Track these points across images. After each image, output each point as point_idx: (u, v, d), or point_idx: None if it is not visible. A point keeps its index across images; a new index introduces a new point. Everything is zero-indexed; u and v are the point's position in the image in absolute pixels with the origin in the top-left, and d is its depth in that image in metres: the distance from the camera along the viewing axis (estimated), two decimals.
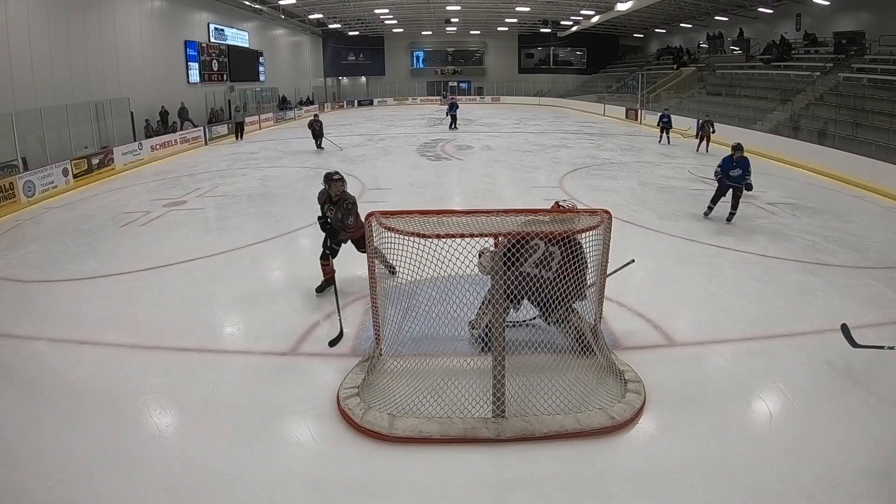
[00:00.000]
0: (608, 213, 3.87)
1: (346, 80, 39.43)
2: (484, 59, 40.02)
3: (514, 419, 3.34)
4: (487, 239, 3.46)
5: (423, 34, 37.69)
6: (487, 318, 3.98)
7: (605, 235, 3.90)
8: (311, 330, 4.65)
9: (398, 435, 3.25)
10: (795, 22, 21.10)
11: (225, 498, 2.89)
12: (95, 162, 12.42)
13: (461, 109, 22.86)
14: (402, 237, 3.61)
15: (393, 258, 3.78)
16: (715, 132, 14.68)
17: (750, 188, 7.64)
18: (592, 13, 28.03)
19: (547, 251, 3.88)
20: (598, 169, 12.16)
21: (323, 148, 15.47)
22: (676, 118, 19.12)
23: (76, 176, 11.54)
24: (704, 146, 14.67)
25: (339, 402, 3.56)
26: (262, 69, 26.98)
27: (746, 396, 3.71)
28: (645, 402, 3.55)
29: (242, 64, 24.73)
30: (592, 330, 4.01)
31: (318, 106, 31.38)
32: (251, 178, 11.75)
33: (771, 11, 21.94)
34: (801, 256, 6.35)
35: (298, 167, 13.06)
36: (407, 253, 3.64)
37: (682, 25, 29.06)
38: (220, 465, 3.10)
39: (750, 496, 2.84)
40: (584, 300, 4.06)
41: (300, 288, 5.66)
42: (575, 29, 32.94)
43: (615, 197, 9.39)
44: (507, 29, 36.08)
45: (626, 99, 27.12)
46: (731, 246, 6.62)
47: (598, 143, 16.99)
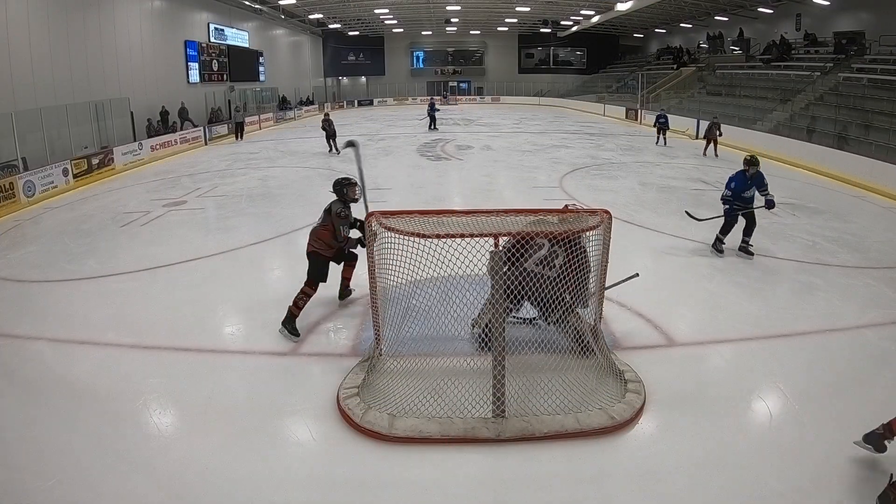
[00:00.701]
0: (608, 213, 3.87)
1: (346, 80, 39.44)
2: (484, 59, 40.02)
3: (514, 419, 3.34)
4: (488, 239, 3.46)
5: (423, 34, 37.70)
6: (488, 317, 3.99)
7: (605, 235, 3.89)
8: (311, 330, 4.64)
9: (398, 435, 3.25)
10: (795, 22, 21.10)
11: (225, 498, 2.89)
12: (95, 162, 12.42)
13: (455, 111, 22.86)
14: (402, 237, 3.62)
15: (393, 258, 3.78)
16: (722, 135, 14.01)
17: (772, 205, 6.26)
18: (592, 13, 28.04)
19: (551, 250, 3.89)
20: (598, 169, 12.16)
21: (338, 151, 14.42)
22: (676, 118, 19.14)
23: (76, 176, 11.54)
24: (712, 149, 13.95)
25: (339, 402, 3.56)
26: (262, 69, 26.98)
27: (746, 396, 3.71)
28: (645, 402, 3.55)
29: (242, 64, 24.73)
30: (592, 330, 4.01)
31: (329, 105, 31.34)
32: (251, 178, 11.75)
33: (771, 11, 21.94)
34: (801, 256, 6.35)
35: (298, 167, 13.06)
36: (407, 253, 3.65)
37: (682, 25, 29.06)
38: (220, 465, 3.10)
39: (750, 496, 2.84)
40: (585, 308, 4.06)
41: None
42: (575, 29, 32.95)
43: (615, 197, 9.39)
44: (507, 29, 36.08)
45: (626, 99, 27.12)
46: (731, 246, 6.62)
47: (598, 143, 16.99)
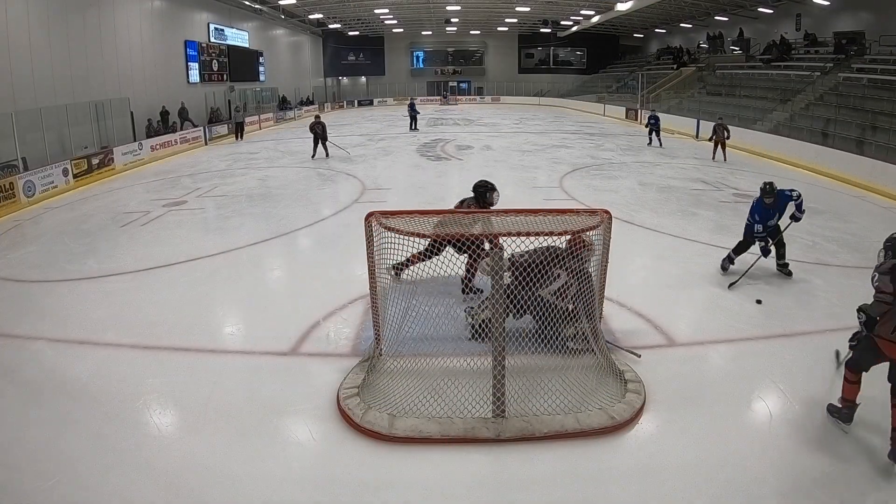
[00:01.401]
0: (608, 213, 3.87)
1: (346, 80, 39.43)
2: (484, 59, 40.01)
3: (514, 419, 3.34)
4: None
5: (423, 34, 37.68)
6: (486, 314, 4.01)
7: (605, 235, 3.90)
8: (311, 330, 4.64)
9: (398, 435, 3.25)
10: (795, 22, 21.10)
11: (225, 498, 2.89)
12: (95, 162, 12.42)
13: (455, 111, 22.82)
14: (402, 237, 3.62)
15: (393, 258, 3.78)
16: (730, 137, 13.11)
17: (798, 218, 5.61)
18: (592, 13, 28.03)
19: (566, 283, 3.91)
20: (598, 169, 12.16)
21: (328, 156, 13.96)
22: (676, 119, 19.14)
23: (76, 176, 11.54)
24: (721, 154, 13.16)
25: (339, 402, 3.56)
26: (262, 69, 26.97)
27: (746, 396, 3.71)
28: (645, 402, 3.55)
29: (242, 64, 24.73)
30: (592, 330, 4.01)
31: (317, 106, 31.31)
32: (251, 178, 11.75)
33: (771, 11, 21.94)
34: (801, 256, 6.34)
35: (298, 167, 13.06)
36: (407, 253, 3.65)
37: (682, 25, 29.06)
38: (219, 464, 3.10)
39: (750, 496, 2.84)
40: (591, 321, 4.05)
41: (300, 288, 5.66)
42: (575, 29, 32.94)
43: (615, 197, 9.39)
44: (507, 29, 36.08)
45: (626, 99, 27.12)
46: (731, 246, 6.61)
47: (598, 143, 16.99)
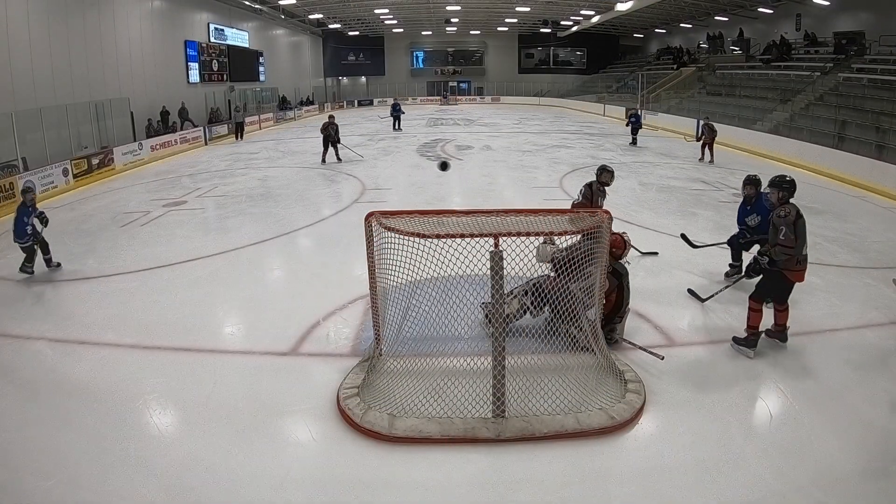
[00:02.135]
0: (608, 213, 3.87)
1: (346, 80, 39.43)
2: (484, 59, 40.01)
3: (514, 419, 3.34)
4: (488, 239, 3.46)
5: (423, 34, 37.69)
6: (514, 305, 4.09)
7: (605, 235, 3.89)
8: (311, 330, 4.65)
9: (398, 435, 3.25)
10: (795, 22, 21.10)
11: (225, 498, 2.89)
12: (95, 162, 12.42)
13: (455, 111, 22.76)
14: (402, 237, 3.62)
15: (393, 258, 3.78)
16: (716, 134, 13.04)
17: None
18: (592, 13, 28.02)
19: (594, 282, 3.94)
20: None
21: (339, 160, 13.14)
22: (676, 119, 19.15)
23: (76, 176, 11.53)
24: (708, 154, 13.01)
25: (339, 402, 3.56)
26: (262, 69, 26.97)
27: (746, 396, 3.71)
28: (645, 402, 3.55)
29: (242, 64, 24.72)
30: (592, 330, 4.01)
31: (329, 105, 31.09)
32: (251, 178, 11.75)
33: (771, 11, 21.94)
34: None
35: (298, 167, 13.06)
36: (407, 253, 3.65)
37: (682, 25, 29.06)
38: (220, 465, 3.10)
39: (750, 496, 2.84)
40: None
41: (300, 288, 5.66)
42: (575, 29, 32.94)
43: (615, 197, 9.35)
44: (507, 29, 36.08)
45: (626, 99, 27.10)
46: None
47: (598, 143, 16.99)
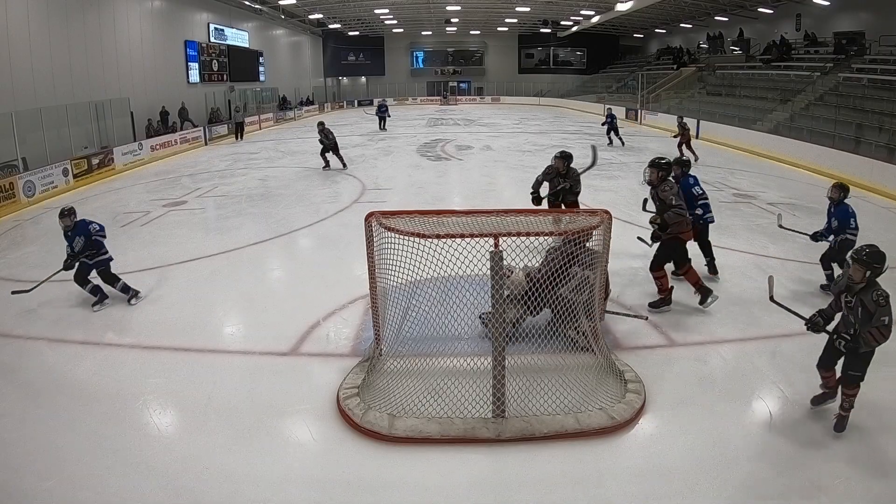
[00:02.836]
0: (608, 213, 3.87)
1: (345, 80, 39.42)
2: (484, 59, 40.00)
3: (514, 419, 3.34)
4: (488, 239, 3.46)
5: (423, 34, 37.67)
6: (513, 313, 4.09)
7: (605, 235, 3.90)
8: (311, 330, 4.65)
9: (398, 435, 3.25)
10: (795, 22, 21.10)
11: (225, 498, 2.89)
12: (95, 162, 12.41)
13: (456, 111, 22.71)
14: (402, 237, 3.62)
15: (393, 258, 3.78)
16: (689, 129, 12.93)
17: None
18: (592, 13, 28.02)
19: (584, 277, 3.95)
20: (598, 169, 12.04)
21: (345, 165, 12.21)
22: (675, 119, 19.05)
23: (76, 176, 11.53)
24: (688, 153, 12.47)
25: (339, 402, 3.56)
26: (262, 69, 26.96)
27: (746, 396, 3.71)
28: (645, 402, 3.55)
29: (242, 64, 24.71)
30: (593, 330, 4.02)
31: (329, 105, 31.00)
32: (251, 178, 11.75)
33: (771, 11, 21.93)
34: (801, 256, 6.34)
35: (298, 167, 13.05)
36: (407, 253, 3.65)
37: (682, 25, 29.05)
38: (220, 465, 3.10)
39: (750, 496, 2.84)
40: (592, 320, 4.11)
41: (300, 288, 5.67)
42: (575, 29, 32.94)
43: (615, 197, 9.39)
44: (507, 29, 36.06)
45: (626, 99, 27.09)
46: (731, 246, 6.62)
47: (598, 143, 16.96)
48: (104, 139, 14.34)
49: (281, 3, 24.78)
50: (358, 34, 36.83)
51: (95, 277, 5.30)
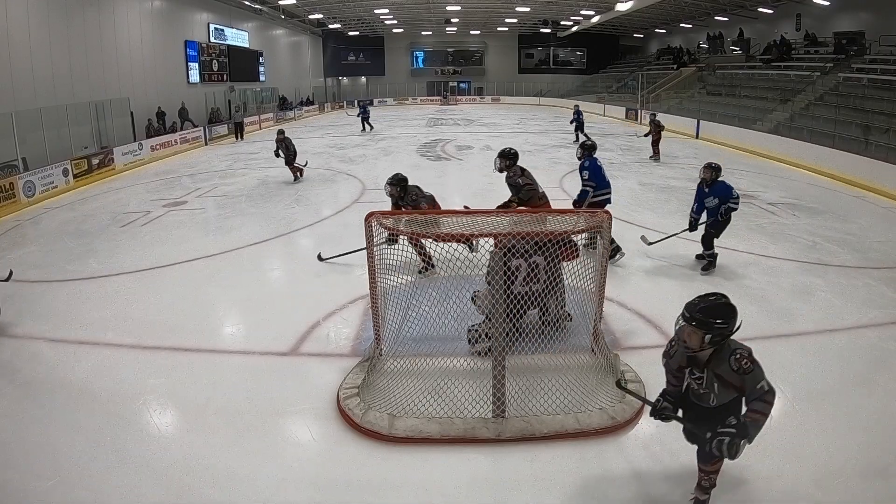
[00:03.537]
0: (608, 213, 3.87)
1: (346, 80, 39.42)
2: (484, 59, 40.00)
3: (514, 419, 3.34)
4: (487, 239, 3.46)
5: (423, 34, 37.67)
6: (486, 344, 4.06)
7: (605, 235, 3.90)
8: (311, 330, 4.64)
9: (398, 435, 3.25)
10: (795, 22, 21.10)
11: (225, 498, 2.89)
12: (95, 162, 12.42)
13: (456, 111, 22.68)
14: (401, 237, 3.62)
15: (393, 258, 3.79)
16: (663, 127, 13.39)
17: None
18: (592, 13, 28.02)
19: (531, 266, 3.91)
20: None
21: (301, 175, 11.23)
22: (675, 118, 19.08)
23: (76, 176, 11.54)
24: (656, 152, 13.22)
25: (339, 402, 3.56)
26: (262, 69, 26.97)
27: None
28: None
29: (242, 64, 24.72)
30: (593, 330, 4.02)
31: (329, 105, 30.71)
32: (251, 178, 11.75)
33: (771, 11, 21.93)
34: (801, 257, 6.35)
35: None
36: (407, 253, 3.65)
37: (682, 25, 29.05)
38: (220, 465, 3.10)
39: (749, 496, 2.84)
40: (561, 305, 4.15)
41: (300, 288, 5.66)
42: (575, 29, 32.94)
43: (615, 197, 9.34)
44: (507, 29, 36.06)
45: (626, 99, 27.09)
46: (731, 246, 6.61)
47: (598, 143, 16.95)
48: (104, 139, 14.35)
49: (281, 3, 24.78)
50: (358, 34, 36.83)
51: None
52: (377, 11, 29.27)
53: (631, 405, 3.47)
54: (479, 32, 37.47)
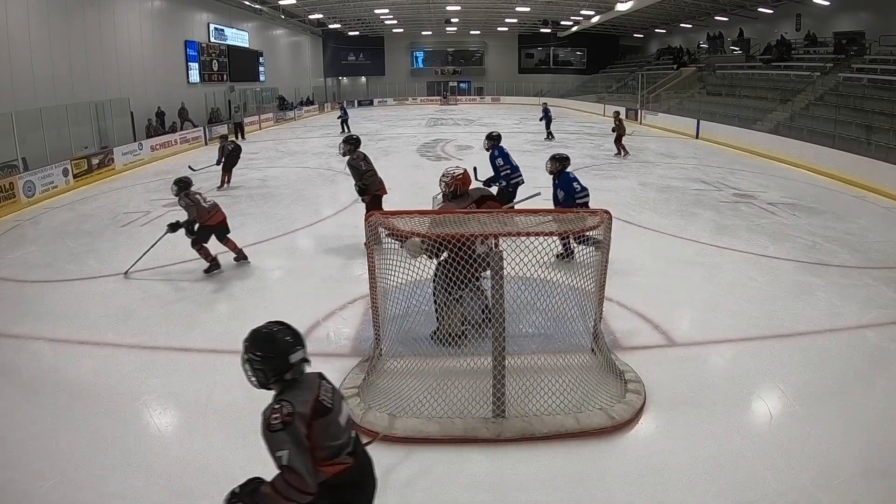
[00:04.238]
0: (608, 213, 3.87)
1: (346, 80, 39.44)
2: (484, 59, 40.02)
3: (514, 419, 3.34)
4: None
5: (423, 34, 37.69)
6: (457, 315, 4.05)
7: (605, 235, 3.90)
8: (311, 330, 4.64)
9: (398, 435, 3.25)
10: (795, 22, 21.10)
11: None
12: (95, 162, 12.42)
13: (456, 111, 22.70)
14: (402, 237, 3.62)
15: (393, 258, 3.78)
16: (624, 125, 13.74)
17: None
18: (592, 13, 28.03)
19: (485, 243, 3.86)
20: (598, 169, 12.15)
21: (226, 184, 10.89)
22: (675, 118, 19.08)
23: (76, 176, 11.54)
24: (622, 149, 13.56)
25: None
26: (262, 69, 26.97)
27: (746, 396, 3.71)
28: (645, 402, 3.55)
29: (242, 64, 24.73)
30: (593, 330, 4.02)
31: (317, 106, 30.83)
32: (251, 178, 11.75)
33: (771, 11, 21.94)
34: (801, 257, 6.35)
35: (298, 167, 13.05)
36: (407, 253, 3.65)
37: (682, 25, 29.06)
38: (220, 465, 3.10)
39: (750, 496, 2.84)
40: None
41: (300, 288, 5.66)
42: (575, 29, 32.94)
43: (615, 197, 9.38)
44: (507, 29, 36.08)
45: (626, 99, 27.07)
46: (731, 246, 6.63)
47: (598, 143, 16.96)
48: (104, 139, 14.35)
49: (281, 3, 24.79)
50: (358, 34, 36.85)
51: None
52: (377, 11, 29.28)
53: (631, 405, 3.47)
54: (478, 32, 37.49)
